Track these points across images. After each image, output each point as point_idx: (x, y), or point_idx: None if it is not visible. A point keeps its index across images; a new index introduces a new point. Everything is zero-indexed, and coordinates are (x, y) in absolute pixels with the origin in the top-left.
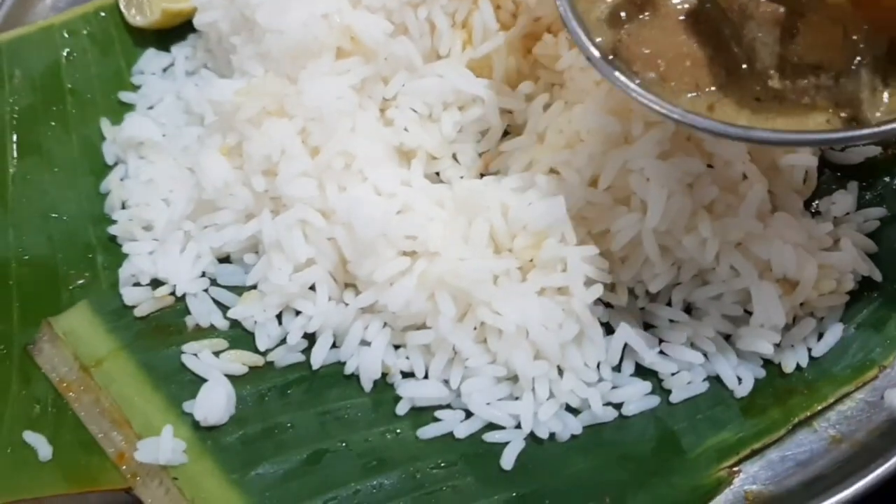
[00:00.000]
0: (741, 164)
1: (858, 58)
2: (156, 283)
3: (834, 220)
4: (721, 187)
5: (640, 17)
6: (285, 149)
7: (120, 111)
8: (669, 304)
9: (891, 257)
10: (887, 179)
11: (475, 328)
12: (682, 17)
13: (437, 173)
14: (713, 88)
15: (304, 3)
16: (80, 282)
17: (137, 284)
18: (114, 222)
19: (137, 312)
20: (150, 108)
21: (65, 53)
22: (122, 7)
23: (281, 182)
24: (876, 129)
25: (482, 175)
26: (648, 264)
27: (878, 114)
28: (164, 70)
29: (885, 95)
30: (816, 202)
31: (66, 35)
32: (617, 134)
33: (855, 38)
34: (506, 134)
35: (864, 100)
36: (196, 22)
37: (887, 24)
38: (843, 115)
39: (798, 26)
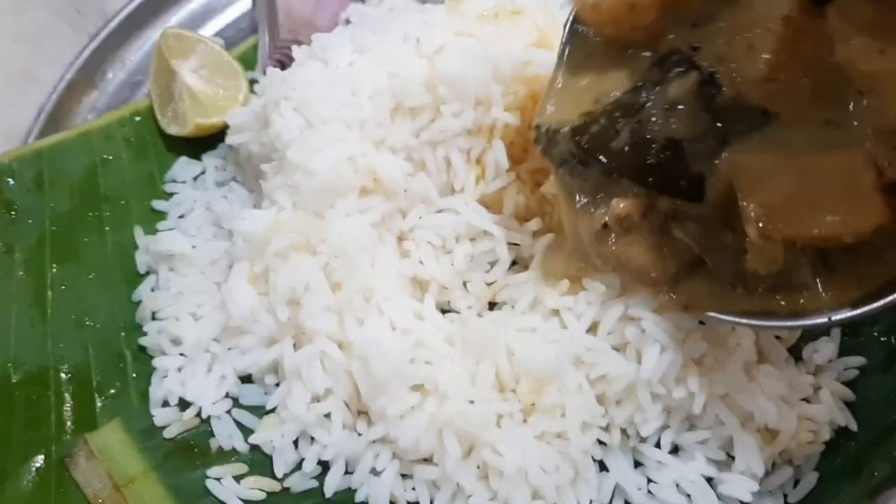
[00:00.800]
0: None
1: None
2: (183, 403)
3: (816, 367)
4: (710, 342)
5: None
6: (309, 283)
7: (153, 218)
8: (658, 444)
9: (867, 406)
10: (870, 328)
11: (478, 466)
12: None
13: (449, 301)
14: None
15: (332, 145)
16: (112, 391)
17: (167, 404)
18: (144, 333)
19: (167, 434)
20: (181, 216)
21: (101, 158)
22: (157, 114)
23: (305, 315)
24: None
25: (490, 305)
26: (641, 409)
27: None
28: (195, 179)
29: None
30: (802, 346)
31: (103, 140)
32: (616, 284)
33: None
34: (514, 263)
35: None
36: (228, 141)
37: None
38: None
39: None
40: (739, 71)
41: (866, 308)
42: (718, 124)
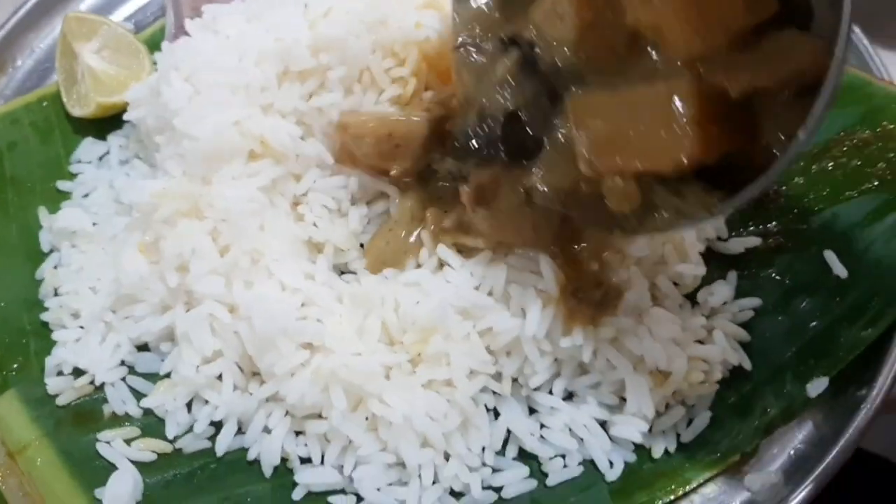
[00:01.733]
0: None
1: None
2: (77, 372)
3: (711, 309)
4: None
5: None
6: (196, 248)
7: (58, 199)
8: (551, 391)
9: (763, 346)
10: (767, 270)
11: (367, 418)
12: None
13: (346, 263)
14: None
15: (217, 111)
16: (15, 366)
17: (61, 374)
18: (46, 309)
19: (60, 401)
20: (86, 196)
21: (7, 143)
22: (63, 98)
23: (191, 279)
24: None
25: None
26: (529, 363)
27: None
28: (100, 158)
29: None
30: (697, 290)
31: (9, 124)
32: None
33: None
34: None
35: None
36: (126, 116)
37: None
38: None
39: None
40: (556, 39)
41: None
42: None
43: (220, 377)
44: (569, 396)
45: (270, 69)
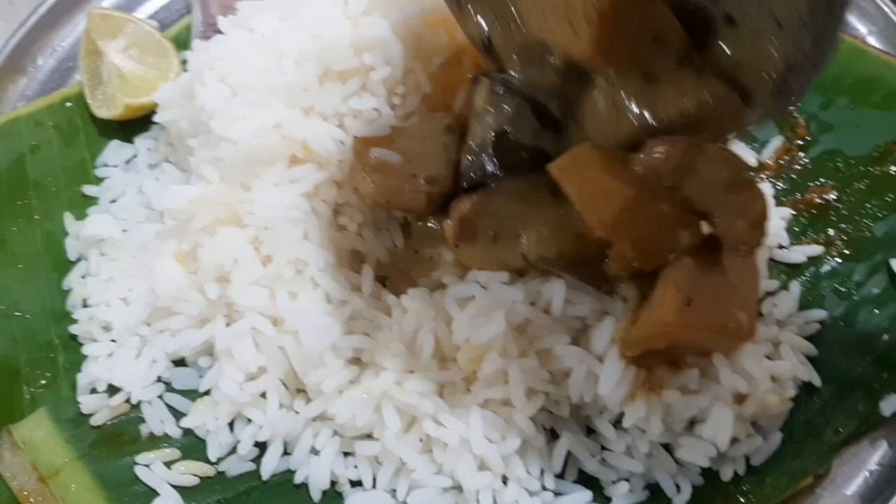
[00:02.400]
0: None
1: None
2: (112, 390)
3: (776, 322)
4: None
5: None
6: (238, 258)
7: (84, 204)
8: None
9: (831, 361)
10: (831, 280)
11: (421, 440)
12: None
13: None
14: None
15: (256, 113)
16: (42, 382)
17: (94, 391)
18: (75, 321)
19: (93, 421)
20: (113, 201)
21: (30, 146)
22: (88, 99)
23: (233, 291)
24: None
25: None
26: (597, 399)
27: None
28: (127, 162)
29: None
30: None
31: (32, 126)
32: None
33: None
34: None
35: None
36: (157, 118)
37: None
38: None
39: None
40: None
41: None
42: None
43: (263, 395)
44: None
45: (311, 69)
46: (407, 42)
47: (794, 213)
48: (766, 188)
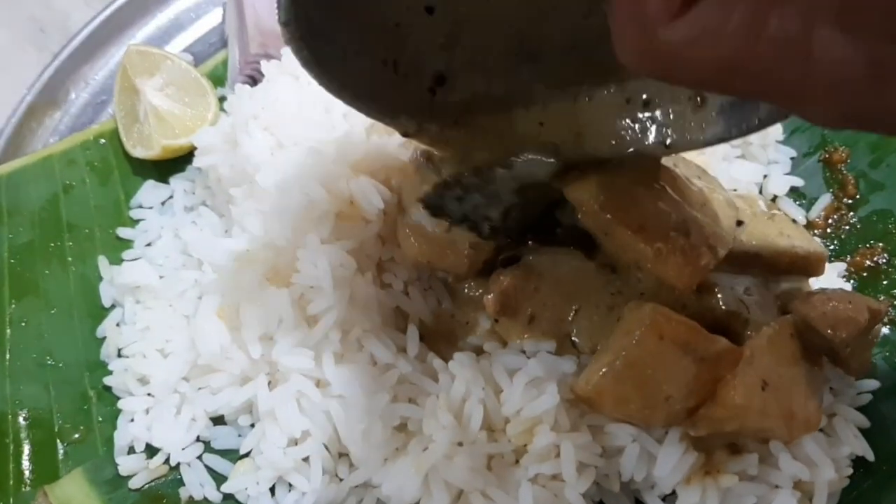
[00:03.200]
0: None
1: None
2: (151, 449)
3: (831, 390)
4: None
5: None
6: (283, 318)
7: (118, 247)
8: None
9: (884, 434)
10: (882, 348)
11: None
12: None
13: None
14: None
15: (303, 168)
16: (76, 436)
17: (132, 451)
18: (109, 372)
19: (133, 484)
20: (149, 244)
21: (64, 185)
22: (122, 136)
23: (278, 353)
24: None
25: None
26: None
27: None
28: (163, 203)
29: None
30: None
31: (65, 165)
32: None
33: None
34: None
35: None
36: (196, 163)
37: None
38: None
39: None
40: None
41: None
42: None
43: (306, 459)
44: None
45: (359, 123)
46: None
47: (845, 275)
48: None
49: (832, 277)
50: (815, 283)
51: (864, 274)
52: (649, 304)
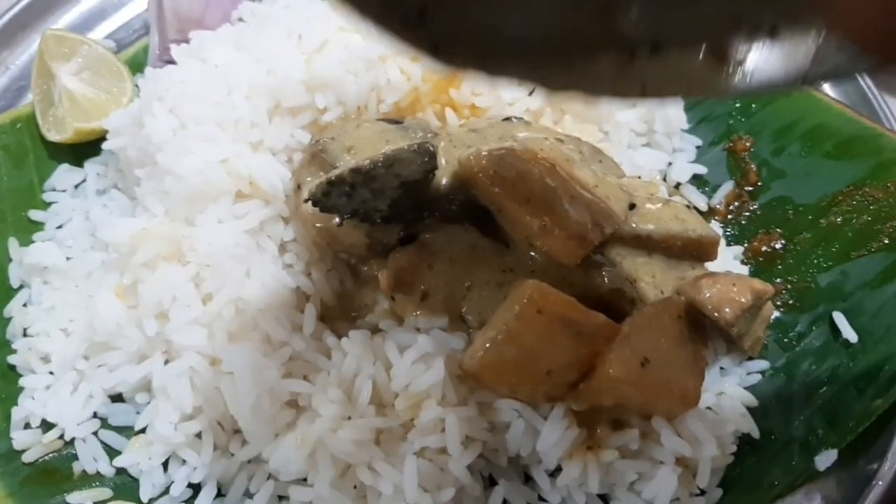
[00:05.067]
0: None
1: None
2: (47, 425)
3: (720, 369)
4: None
5: None
6: (178, 296)
7: (30, 229)
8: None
9: (769, 413)
10: (773, 331)
11: (355, 486)
12: None
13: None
14: None
15: (204, 147)
16: None
17: (28, 426)
18: (13, 351)
19: (25, 458)
20: (59, 227)
21: None
22: (38, 121)
23: (171, 329)
24: None
25: None
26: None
27: None
28: (76, 187)
29: None
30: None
31: None
32: None
33: None
34: None
35: None
36: (105, 146)
37: None
38: None
39: None
40: None
41: None
42: None
43: (199, 435)
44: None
45: (261, 104)
46: (360, 81)
47: (742, 260)
48: (717, 229)
49: (728, 261)
50: (711, 266)
51: (761, 259)
52: (530, 280)
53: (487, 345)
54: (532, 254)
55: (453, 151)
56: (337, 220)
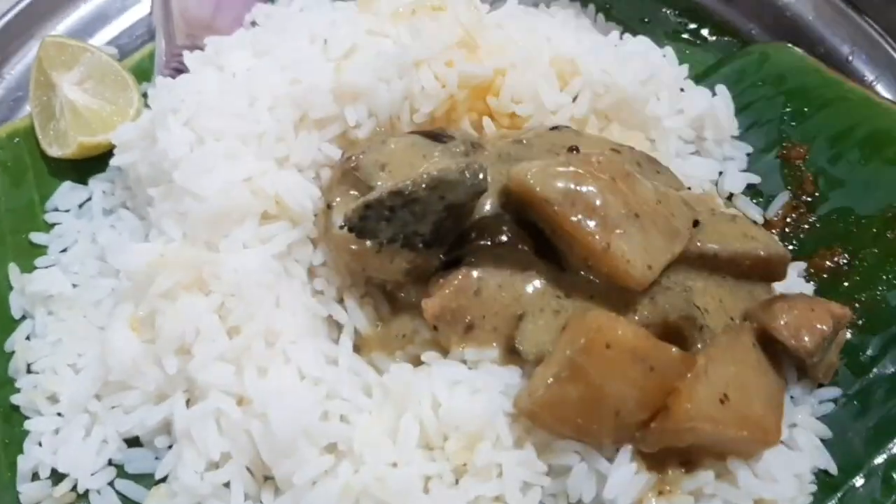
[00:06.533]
0: None
1: None
2: (57, 476)
3: (791, 399)
4: None
5: None
6: (201, 329)
7: (31, 253)
8: None
9: (844, 444)
10: (842, 354)
11: None
12: None
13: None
14: None
15: (225, 164)
16: None
17: (37, 478)
18: (17, 389)
19: None
20: (64, 250)
21: None
22: (38, 134)
23: (196, 367)
24: None
25: None
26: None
27: None
28: (80, 206)
29: None
30: None
31: None
32: None
33: None
34: None
35: None
36: (113, 162)
37: None
38: None
39: None
40: None
41: None
42: None
43: (227, 484)
44: None
45: (286, 116)
46: (393, 89)
47: (805, 276)
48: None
49: (792, 278)
50: (776, 285)
51: (825, 275)
52: (595, 311)
53: (549, 381)
54: (591, 277)
55: (498, 166)
56: (371, 242)
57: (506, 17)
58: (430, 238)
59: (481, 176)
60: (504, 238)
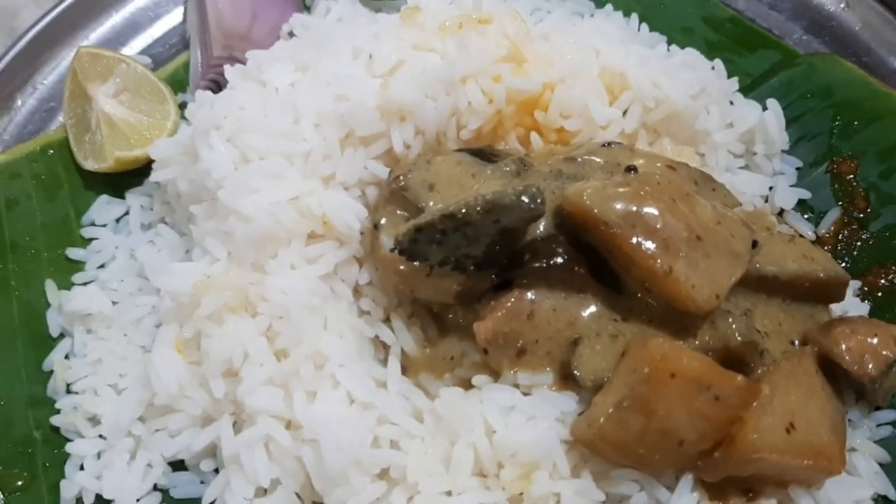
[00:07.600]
0: None
1: None
2: (101, 501)
3: (849, 422)
4: None
5: None
6: (249, 352)
7: (68, 269)
8: None
9: None
10: None
11: None
12: None
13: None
14: None
15: (272, 184)
16: (19, 483)
17: (81, 503)
18: (57, 411)
19: None
20: (101, 266)
21: (6, 201)
22: (72, 147)
23: (244, 391)
24: None
25: None
26: None
27: None
28: (118, 220)
29: None
30: None
31: (8, 179)
32: None
33: None
34: None
35: None
36: (153, 178)
37: None
38: None
39: None
40: None
41: None
42: None
43: None
44: None
45: (332, 134)
46: (440, 106)
47: (859, 295)
48: None
49: (847, 297)
50: (832, 305)
51: (879, 294)
52: (658, 339)
53: (610, 410)
54: (649, 300)
55: (552, 184)
56: (420, 264)
57: (552, 28)
58: (481, 261)
59: (539, 201)
60: (559, 260)
